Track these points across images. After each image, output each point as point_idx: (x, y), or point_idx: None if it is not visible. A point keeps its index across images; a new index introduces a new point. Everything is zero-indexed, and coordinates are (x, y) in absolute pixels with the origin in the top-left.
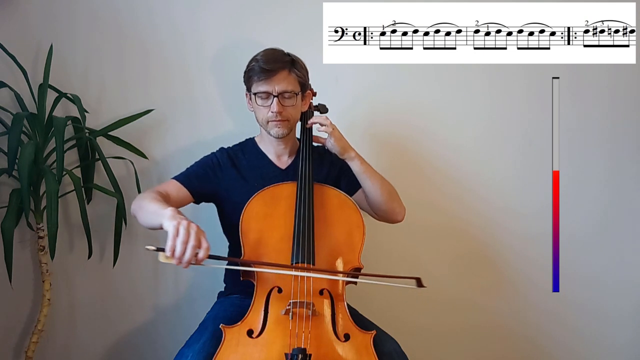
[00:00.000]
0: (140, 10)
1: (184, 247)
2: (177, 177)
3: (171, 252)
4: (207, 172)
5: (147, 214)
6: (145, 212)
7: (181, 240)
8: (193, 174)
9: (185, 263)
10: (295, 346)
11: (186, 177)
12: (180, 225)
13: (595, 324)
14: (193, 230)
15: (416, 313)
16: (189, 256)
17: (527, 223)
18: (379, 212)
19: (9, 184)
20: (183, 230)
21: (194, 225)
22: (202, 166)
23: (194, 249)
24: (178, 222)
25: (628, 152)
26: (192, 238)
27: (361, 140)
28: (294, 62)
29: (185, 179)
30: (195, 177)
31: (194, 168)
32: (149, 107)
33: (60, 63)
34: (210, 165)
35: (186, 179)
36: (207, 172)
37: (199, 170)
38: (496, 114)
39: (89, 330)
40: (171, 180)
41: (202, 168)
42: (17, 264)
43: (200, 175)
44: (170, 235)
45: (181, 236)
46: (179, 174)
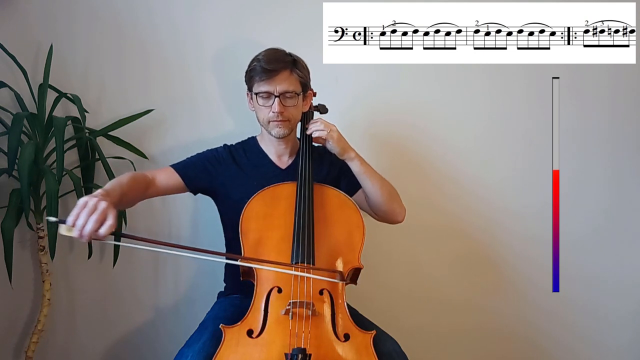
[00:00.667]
0: (140, 10)
1: (86, 219)
2: (174, 165)
3: (73, 222)
4: (205, 164)
5: None
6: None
7: (86, 212)
8: (190, 164)
9: (86, 236)
10: (295, 346)
11: (183, 165)
12: (90, 200)
13: (596, 324)
14: (101, 205)
15: (416, 313)
16: (90, 228)
17: (527, 223)
18: (379, 212)
19: (9, 184)
20: (91, 204)
21: (105, 202)
22: (202, 158)
23: (96, 222)
24: (89, 198)
25: (628, 152)
26: (97, 212)
27: (361, 140)
28: (295, 62)
29: (181, 168)
30: (192, 167)
31: (194, 158)
32: (149, 107)
33: (60, 63)
34: (210, 158)
35: (182, 167)
36: (205, 164)
37: (197, 161)
38: (496, 114)
39: (89, 330)
40: (167, 167)
41: (202, 160)
42: (17, 264)
43: (198, 165)
44: (76, 207)
45: (87, 208)
46: (177, 162)
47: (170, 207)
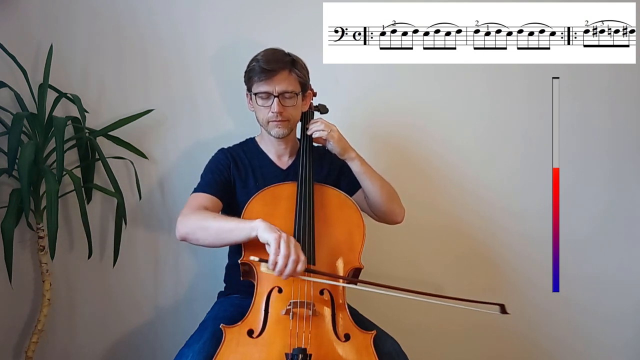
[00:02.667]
0: (141, 10)
1: (285, 261)
2: (199, 190)
3: (273, 266)
4: (222, 175)
5: (219, 232)
6: (214, 230)
7: (283, 255)
8: (214, 182)
9: (286, 276)
10: (296, 346)
11: (209, 186)
12: (282, 239)
13: (596, 324)
14: (292, 244)
15: (416, 313)
16: (290, 270)
17: (527, 223)
18: (378, 213)
19: (9, 184)
20: (284, 244)
21: (293, 238)
22: (215, 171)
23: (294, 263)
24: (279, 235)
25: (628, 152)
26: (292, 252)
27: (361, 140)
28: (294, 62)
29: (211, 189)
30: (216, 184)
31: (211, 175)
32: (149, 107)
33: (60, 63)
34: (221, 169)
35: (211, 189)
36: (222, 175)
37: (216, 177)
38: (496, 114)
39: (88, 330)
40: (195, 195)
41: (217, 173)
42: (17, 264)
43: (219, 181)
44: (272, 249)
45: (282, 250)
46: (198, 187)
47: (170, 207)
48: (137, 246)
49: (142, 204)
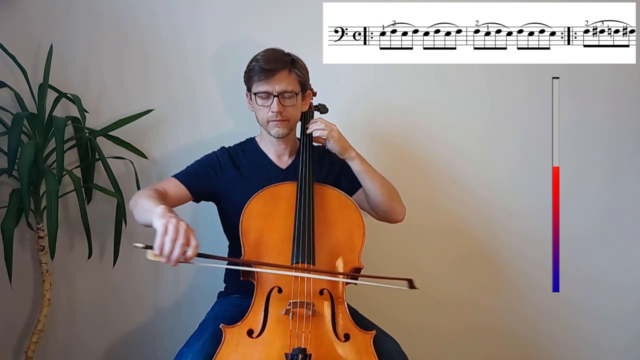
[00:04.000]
0: (141, 10)
1: (172, 245)
2: (176, 175)
3: (159, 250)
4: (207, 171)
5: (141, 211)
6: (140, 209)
7: (170, 238)
8: (193, 173)
9: (173, 261)
10: (296, 346)
11: (186, 175)
12: (169, 223)
13: (596, 324)
14: (182, 228)
15: (416, 313)
16: (177, 254)
17: (527, 223)
18: (379, 212)
19: (9, 184)
20: (172, 228)
21: (183, 223)
22: (203, 165)
23: (182, 246)
24: (167, 220)
25: (628, 152)
26: (180, 236)
27: (361, 140)
28: (294, 62)
29: (185, 177)
30: (195, 176)
31: (195, 166)
32: (149, 107)
33: (60, 63)
34: (210, 164)
35: (186, 177)
36: (207, 171)
37: (199, 169)
38: (496, 114)
39: (89, 330)
40: (171, 178)
41: (203, 167)
42: (17, 264)
43: (200, 173)
44: (158, 233)
45: (170, 234)
46: (178, 172)
47: None
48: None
49: None
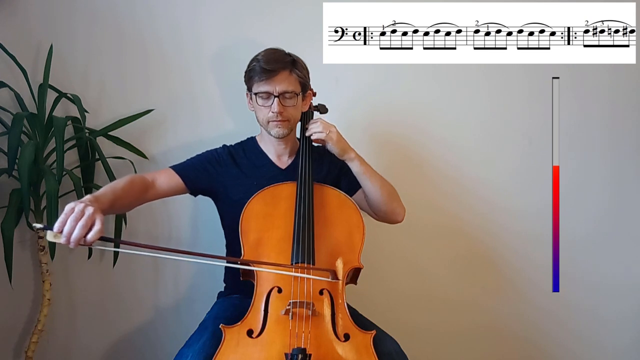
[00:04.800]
0: (140, 10)
1: (73, 225)
2: (173, 166)
3: (59, 228)
4: (205, 165)
5: None
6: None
7: (72, 218)
8: (190, 165)
9: (73, 242)
10: (295, 346)
11: (183, 167)
12: (76, 206)
13: (595, 324)
14: (88, 211)
15: (416, 313)
16: (77, 235)
17: (527, 223)
18: (379, 212)
19: (9, 184)
20: (77, 209)
21: (92, 208)
22: (202, 159)
23: (83, 228)
24: (75, 204)
25: (628, 152)
26: (84, 217)
27: (361, 140)
28: (294, 63)
29: (181, 169)
30: (192, 168)
31: (194, 160)
32: (149, 107)
33: (60, 63)
34: (210, 160)
35: (182, 169)
36: (205, 165)
37: (197, 163)
38: (496, 114)
39: (89, 330)
40: (167, 169)
41: (202, 161)
42: (17, 264)
43: (197, 167)
44: (63, 214)
45: (74, 214)
46: (177, 164)
47: (170, 208)
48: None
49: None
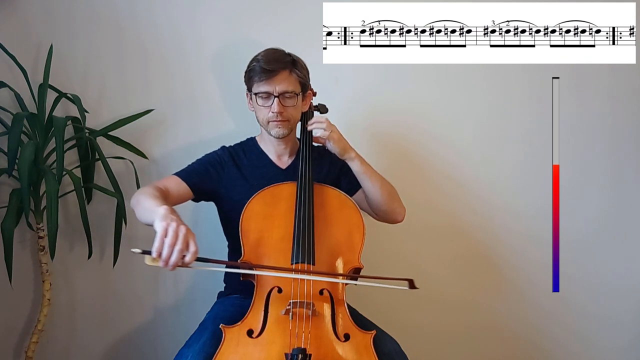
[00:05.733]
0: (141, 10)
1: (170, 250)
2: (178, 173)
3: (157, 254)
4: (208, 169)
5: (143, 210)
6: (142, 208)
7: (168, 243)
8: (194, 171)
9: (171, 266)
10: (295, 346)
11: (187, 173)
12: (169, 227)
13: (595, 324)
14: (181, 232)
15: (416, 313)
16: (175, 259)
17: (527, 223)
18: (379, 212)
19: (9, 184)
20: (171, 232)
21: (184, 227)
22: (204, 163)
23: (180, 252)
24: (167, 224)
25: (628, 152)
26: (179, 241)
27: (361, 140)
28: (294, 63)
29: (186, 175)
30: (195, 174)
31: (196, 165)
32: (149, 107)
33: (60, 63)
34: (212, 163)
35: (187, 175)
36: (208, 169)
37: (200, 167)
38: (496, 114)
39: (89, 330)
40: (172, 176)
41: (204, 165)
42: (17, 264)
43: (201, 172)
44: (157, 237)
45: (169, 238)
46: (180, 170)
47: None
48: (137, 246)
49: None
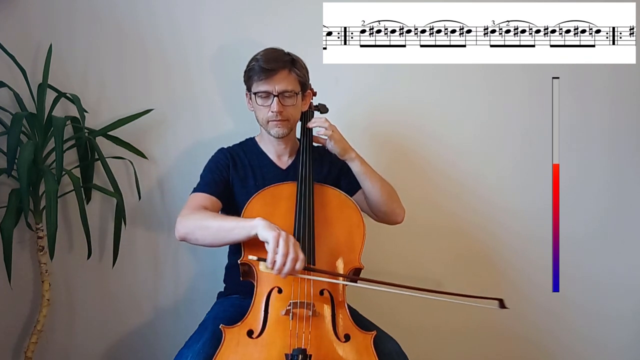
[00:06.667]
0: (140, 9)
1: (284, 260)
2: (199, 190)
3: (272, 264)
4: (222, 174)
5: (220, 231)
6: (214, 230)
7: (282, 253)
8: (213, 182)
9: (284, 275)
10: (296, 347)
11: (208, 186)
12: (280, 238)
13: (595, 324)
14: (291, 242)
15: (416, 313)
16: (288, 269)
17: (527, 223)
18: (378, 213)
19: (8, 184)
20: (283, 242)
21: (292, 237)
22: (214, 170)
23: (293, 261)
24: (278, 234)
25: (628, 152)
26: (291, 250)
27: (361, 140)
28: (294, 62)
29: (209, 189)
30: (215, 184)
31: (209, 176)
32: (149, 106)
33: (59, 63)
34: (221, 168)
35: (209, 188)
36: (222, 174)
37: (215, 177)
38: (496, 114)
39: (88, 331)
40: (195, 195)
41: (216, 173)
42: (17, 264)
43: (218, 180)
44: (270, 247)
45: (281, 249)
46: (198, 187)
47: (169, 207)
48: (137, 246)
49: (141, 204)
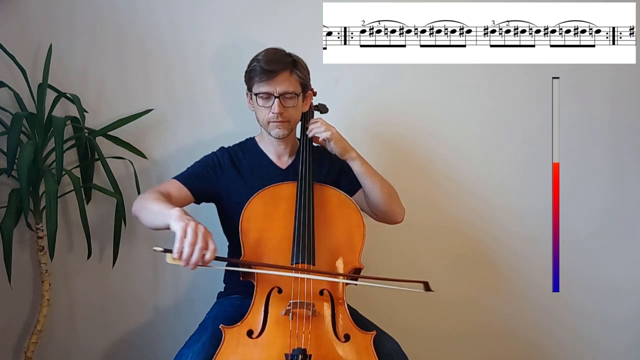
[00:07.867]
0: (141, 9)
1: (191, 249)
2: (177, 177)
3: (179, 254)
4: (207, 171)
5: (151, 214)
6: (149, 212)
7: (189, 242)
8: (194, 174)
9: (192, 265)
10: (296, 347)
11: (187, 176)
12: (188, 227)
13: (595, 324)
14: (200, 231)
15: (416, 313)
16: (196, 258)
17: (527, 223)
18: (378, 213)
19: (8, 184)
20: (191, 231)
21: (202, 226)
22: (203, 165)
23: (201, 250)
24: (186, 224)
25: (628, 152)
26: (199, 240)
27: (361, 140)
28: (295, 63)
29: (186, 179)
30: (195, 177)
31: (195, 168)
32: (149, 106)
33: (59, 63)
34: (211, 165)
35: (187, 178)
36: (207, 171)
37: (199, 170)
38: (496, 114)
39: (88, 331)
40: (172, 180)
41: (203, 167)
42: (17, 265)
43: (200, 174)
44: (177, 237)
45: (189, 238)
46: (179, 174)
47: None
48: (137, 246)
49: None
